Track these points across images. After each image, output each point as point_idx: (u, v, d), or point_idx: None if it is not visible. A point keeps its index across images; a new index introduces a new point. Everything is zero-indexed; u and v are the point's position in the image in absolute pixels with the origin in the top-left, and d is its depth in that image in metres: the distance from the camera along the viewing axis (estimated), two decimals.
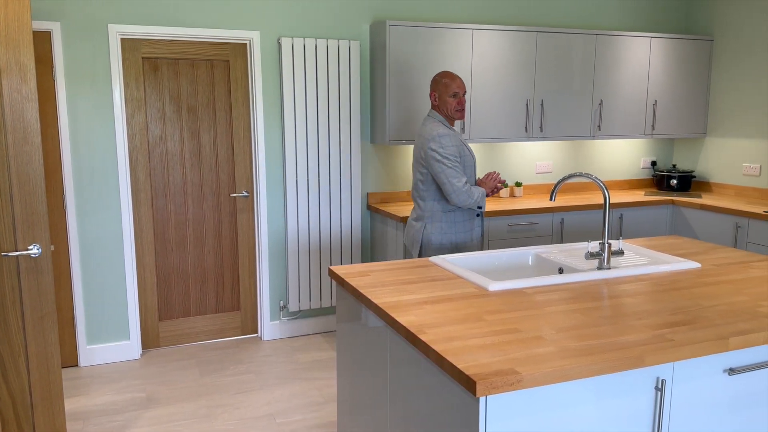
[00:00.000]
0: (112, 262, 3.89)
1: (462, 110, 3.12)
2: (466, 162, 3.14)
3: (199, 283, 4.16)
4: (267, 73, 4.05)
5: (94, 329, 3.91)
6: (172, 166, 4.00)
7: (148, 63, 3.85)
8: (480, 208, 3.17)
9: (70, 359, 3.89)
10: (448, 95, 3.07)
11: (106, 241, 3.86)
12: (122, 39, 3.77)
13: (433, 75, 4.11)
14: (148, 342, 4.11)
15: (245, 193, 4.16)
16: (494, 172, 3.22)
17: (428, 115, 3.17)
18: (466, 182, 3.05)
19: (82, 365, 3.89)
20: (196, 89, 3.98)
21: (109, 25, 3.68)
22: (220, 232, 4.16)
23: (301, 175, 4.13)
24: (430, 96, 3.16)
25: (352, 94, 4.17)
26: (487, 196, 3.18)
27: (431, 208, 3.16)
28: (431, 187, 3.13)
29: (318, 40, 4.04)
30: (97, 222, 3.82)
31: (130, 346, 3.99)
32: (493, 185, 3.18)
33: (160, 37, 3.83)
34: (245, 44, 4.02)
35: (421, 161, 3.12)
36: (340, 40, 4.09)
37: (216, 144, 4.07)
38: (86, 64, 3.68)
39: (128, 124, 3.86)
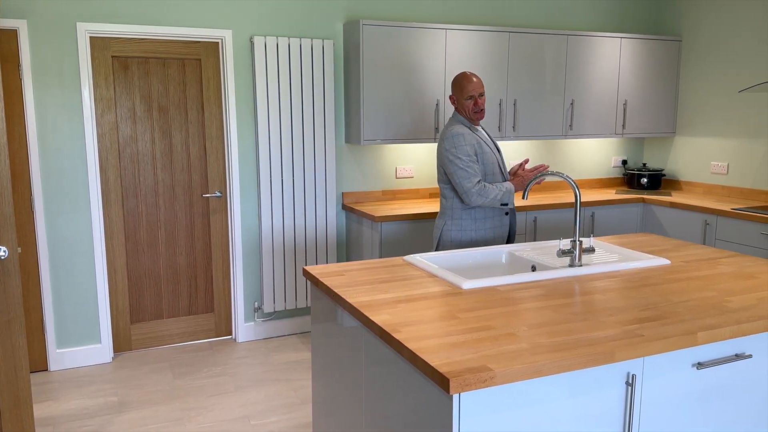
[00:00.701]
0: (82, 265, 3.82)
1: (480, 111, 3.06)
2: (486, 160, 3.06)
3: (171, 284, 4.11)
4: (240, 72, 4.02)
5: (64, 333, 3.84)
6: (143, 166, 3.94)
7: (118, 62, 3.79)
8: (506, 205, 3.06)
9: (40, 364, 3.81)
10: (464, 98, 3.04)
11: (75, 242, 3.79)
12: (91, 37, 3.70)
13: (408, 75, 4.11)
14: (120, 345, 4.04)
15: (218, 194, 4.12)
16: (522, 165, 3.10)
17: (452, 116, 3.16)
18: (479, 181, 3.00)
19: (51, 370, 3.82)
20: (167, 88, 3.93)
21: (77, 23, 3.62)
22: (192, 233, 4.11)
23: (276, 174, 4.11)
24: (450, 98, 3.13)
25: (326, 93, 4.16)
26: (519, 190, 3.06)
27: (452, 205, 3.13)
28: (451, 184, 3.12)
29: (291, 39, 4.02)
30: (66, 223, 3.75)
31: (101, 350, 3.92)
32: (527, 176, 3.05)
33: (130, 36, 3.77)
34: (217, 43, 3.98)
35: (440, 160, 3.12)
36: (313, 40, 4.08)
37: (188, 144, 4.02)
38: (54, 63, 3.61)
39: (98, 123, 3.80)
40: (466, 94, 3.03)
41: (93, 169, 3.76)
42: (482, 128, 3.24)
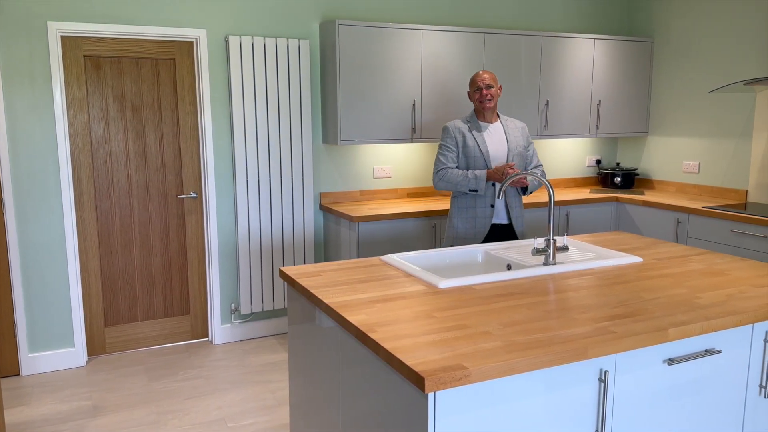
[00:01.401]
0: (54, 267, 3.76)
1: (487, 101, 3.27)
2: (468, 153, 3.28)
3: (146, 287, 4.07)
4: (214, 71, 3.99)
5: (37, 337, 3.77)
6: (117, 167, 3.89)
7: (90, 61, 3.74)
8: (475, 191, 3.22)
9: (11, 368, 3.74)
10: (473, 90, 3.31)
11: (47, 245, 3.73)
12: (62, 37, 3.65)
13: (384, 75, 4.12)
14: (94, 349, 3.99)
15: (193, 194, 4.09)
16: (507, 165, 3.20)
17: None
18: (445, 167, 3.28)
19: (24, 374, 3.75)
20: (140, 88, 3.88)
21: (48, 22, 3.56)
22: (167, 234, 4.07)
23: (252, 175, 4.08)
24: (468, 95, 3.40)
25: (302, 93, 4.15)
26: (497, 180, 3.18)
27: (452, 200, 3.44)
28: None
29: (267, 38, 4.00)
30: (38, 226, 3.69)
31: (75, 354, 3.86)
32: (502, 170, 3.15)
33: (103, 35, 3.72)
34: (191, 42, 3.95)
35: None
36: (289, 39, 4.06)
37: (162, 144, 3.98)
38: (24, 63, 3.55)
39: (70, 124, 3.74)
40: (475, 86, 3.30)
41: (65, 170, 3.70)
42: (503, 123, 3.37)
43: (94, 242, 3.89)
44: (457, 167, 3.31)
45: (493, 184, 3.28)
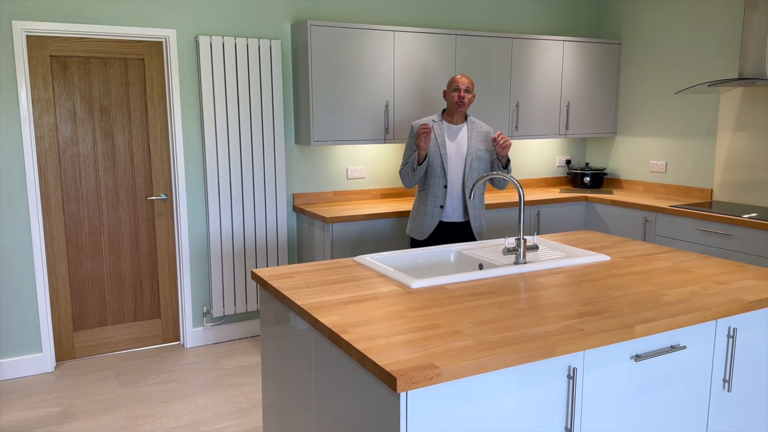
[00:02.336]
0: (21, 271, 3.68)
1: (461, 103, 3.40)
2: (429, 152, 3.41)
3: (116, 290, 4.01)
4: (184, 72, 3.95)
5: (3, 342, 3.69)
6: (85, 168, 3.83)
7: (56, 61, 3.67)
8: (415, 169, 3.36)
9: None
10: (451, 90, 3.42)
11: (14, 249, 3.65)
12: (28, 36, 3.58)
13: (357, 76, 4.13)
14: (63, 354, 3.92)
15: (164, 196, 4.04)
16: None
17: None
18: (403, 164, 3.44)
19: None
20: (109, 89, 3.83)
21: (13, 21, 3.49)
22: (137, 236, 4.02)
23: (223, 176, 4.05)
24: (443, 93, 3.52)
25: (274, 94, 4.13)
26: (421, 150, 3.28)
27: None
28: None
29: (237, 38, 3.98)
30: (3, 229, 3.61)
31: (43, 359, 3.79)
32: (422, 136, 3.24)
33: (70, 35, 3.66)
34: (161, 42, 3.91)
35: None
36: (260, 39, 4.04)
37: (131, 145, 3.93)
38: None
39: (36, 125, 3.67)
40: (453, 86, 3.42)
41: (31, 172, 3.63)
42: (469, 125, 3.48)
43: (62, 245, 3.82)
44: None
45: (445, 186, 3.40)
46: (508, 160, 3.44)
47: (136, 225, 4.01)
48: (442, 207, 3.41)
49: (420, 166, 3.34)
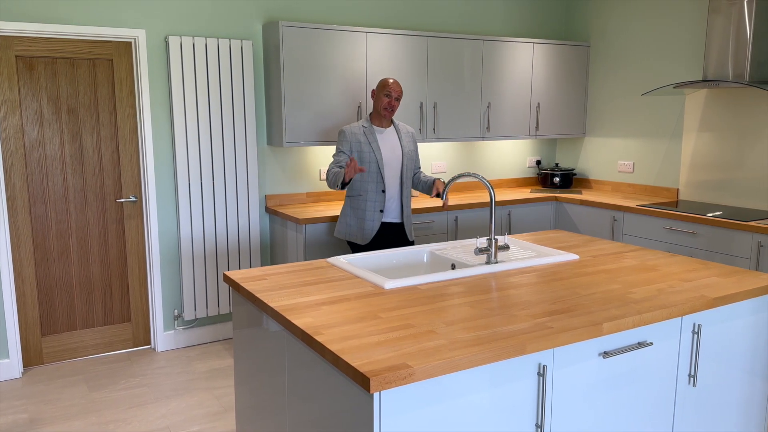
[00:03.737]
0: None
1: (390, 110, 3.48)
2: (363, 158, 3.47)
3: (85, 294, 3.95)
4: (154, 73, 3.91)
5: None
6: (52, 171, 3.76)
7: (22, 62, 3.60)
8: (344, 186, 3.32)
9: None
10: (382, 94, 3.47)
11: None
12: None
13: (329, 77, 4.13)
14: (30, 359, 3.84)
15: (133, 198, 3.99)
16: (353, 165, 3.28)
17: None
18: (332, 166, 3.44)
19: None
20: (76, 89, 3.77)
21: None
22: (106, 239, 3.96)
23: (194, 178, 4.02)
24: (371, 92, 3.61)
25: (246, 95, 4.11)
26: (346, 176, 3.25)
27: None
28: None
29: (208, 39, 3.95)
30: None
31: (10, 365, 3.71)
32: (353, 165, 3.24)
33: (36, 35, 3.59)
34: (130, 43, 3.86)
35: None
36: (231, 40, 4.02)
37: (100, 147, 3.87)
38: None
39: (1, 127, 3.59)
40: (385, 90, 3.46)
41: None
42: (396, 127, 3.60)
43: (29, 249, 3.75)
44: (340, 167, 3.45)
45: (383, 191, 3.47)
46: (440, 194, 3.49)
47: (105, 227, 3.95)
48: (381, 211, 3.50)
49: (345, 185, 3.32)
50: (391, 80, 3.48)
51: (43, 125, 3.71)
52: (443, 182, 3.48)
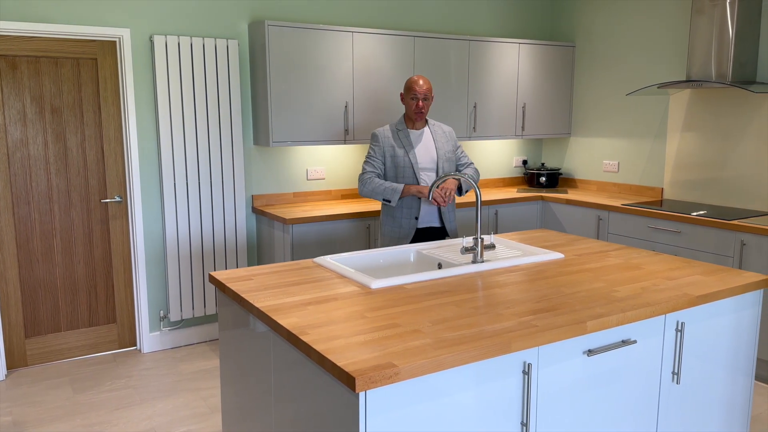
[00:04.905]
0: None
1: (420, 113, 3.31)
2: (398, 163, 3.33)
3: (69, 295, 3.91)
4: (139, 72, 3.88)
5: None
6: (36, 171, 3.73)
7: (5, 61, 3.56)
8: (389, 201, 3.27)
9: None
10: (409, 97, 3.32)
11: None
12: None
13: (316, 77, 4.12)
14: (14, 362, 3.80)
15: (118, 198, 3.96)
16: (444, 189, 3.20)
17: None
18: (367, 173, 3.33)
19: None
20: (60, 89, 3.73)
21: None
22: (91, 240, 3.93)
23: (180, 178, 3.99)
24: (400, 96, 3.40)
25: (232, 94, 4.09)
26: (412, 194, 3.24)
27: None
28: None
29: (193, 38, 3.93)
30: None
31: None
32: (433, 192, 3.04)
33: (18, 34, 3.55)
34: (114, 42, 3.83)
35: None
36: (217, 39, 4.00)
37: (84, 147, 3.84)
38: None
39: None
40: (411, 93, 3.31)
41: None
42: (431, 128, 3.42)
43: (12, 250, 3.71)
44: (378, 175, 3.36)
45: (418, 199, 3.33)
46: (460, 189, 3.44)
47: (90, 228, 3.92)
48: (416, 218, 3.35)
49: (393, 201, 3.24)
50: (417, 79, 3.28)
51: (27, 125, 3.67)
52: (454, 182, 3.30)
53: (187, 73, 3.92)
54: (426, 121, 3.43)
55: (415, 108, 3.30)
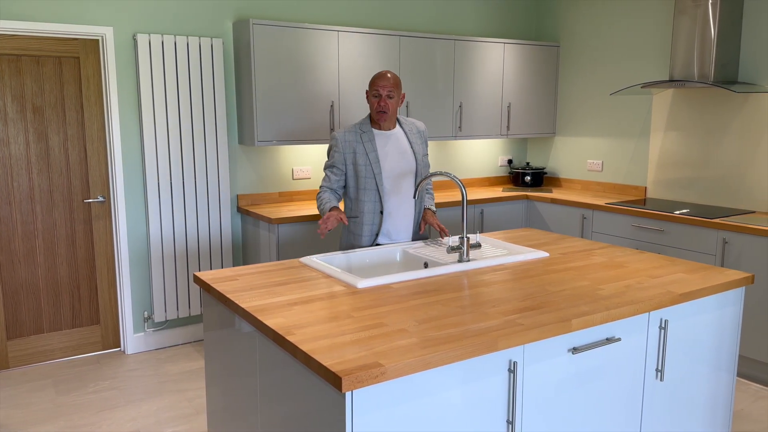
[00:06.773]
0: None
1: (382, 112, 2.82)
2: (359, 172, 2.86)
3: (52, 296, 3.87)
4: (122, 71, 3.84)
5: None
6: (17, 171, 3.68)
7: None
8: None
9: None
10: (371, 94, 2.85)
11: None
12: None
13: (301, 76, 4.11)
14: None
15: (101, 198, 3.92)
16: (335, 217, 2.72)
17: None
18: (322, 186, 2.92)
19: None
20: (42, 88, 3.69)
21: None
22: (74, 240, 3.89)
23: (164, 177, 3.96)
24: (366, 93, 2.94)
25: (216, 93, 4.07)
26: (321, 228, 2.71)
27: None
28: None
29: (177, 37, 3.90)
30: None
31: None
32: (325, 221, 2.70)
33: None
34: (97, 40, 3.79)
35: None
36: (201, 38, 3.97)
37: (66, 146, 3.80)
38: None
39: None
40: (373, 89, 2.85)
41: None
42: (403, 128, 2.97)
43: None
44: (331, 189, 2.91)
45: (381, 211, 2.91)
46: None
47: (73, 228, 3.88)
48: (377, 235, 2.93)
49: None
50: (383, 73, 2.81)
51: (8, 124, 3.62)
52: (434, 214, 2.98)
53: (171, 72, 3.89)
54: (397, 120, 2.98)
55: (376, 106, 2.82)
